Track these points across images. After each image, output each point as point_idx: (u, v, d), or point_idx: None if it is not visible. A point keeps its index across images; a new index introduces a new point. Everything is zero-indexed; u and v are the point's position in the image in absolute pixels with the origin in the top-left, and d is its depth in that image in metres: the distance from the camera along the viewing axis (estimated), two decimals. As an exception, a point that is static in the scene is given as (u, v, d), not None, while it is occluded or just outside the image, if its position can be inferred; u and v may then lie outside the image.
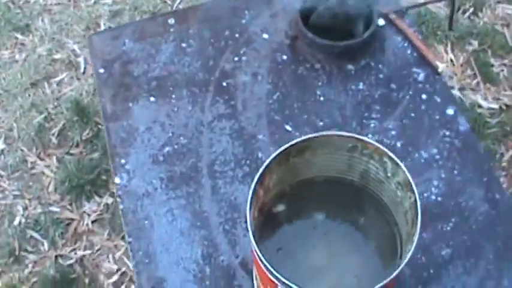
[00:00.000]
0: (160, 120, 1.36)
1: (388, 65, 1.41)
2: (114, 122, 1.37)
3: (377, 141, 1.30)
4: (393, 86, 1.38)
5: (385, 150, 1.02)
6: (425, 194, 1.27)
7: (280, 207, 1.13)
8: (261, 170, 1.01)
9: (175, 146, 1.34)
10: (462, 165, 1.30)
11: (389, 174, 1.05)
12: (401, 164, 1.01)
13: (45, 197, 2.03)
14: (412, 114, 1.35)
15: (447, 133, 1.33)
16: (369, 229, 1.11)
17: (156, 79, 1.42)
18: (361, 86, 1.38)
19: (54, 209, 2.01)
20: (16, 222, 2.00)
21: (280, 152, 1.02)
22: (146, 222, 1.26)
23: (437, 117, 1.35)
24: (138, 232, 1.26)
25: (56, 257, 1.94)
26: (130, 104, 1.39)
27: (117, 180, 1.31)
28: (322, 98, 1.37)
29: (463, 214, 1.25)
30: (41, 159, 2.09)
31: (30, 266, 1.94)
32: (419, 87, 1.38)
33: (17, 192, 2.05)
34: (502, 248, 1.22)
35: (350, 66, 1.41)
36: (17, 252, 1.95)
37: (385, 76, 1.39)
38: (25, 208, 2.02)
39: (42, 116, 2.16)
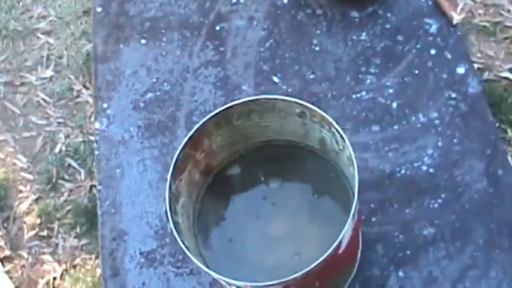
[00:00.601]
0: (147, 64, 1.31)
1: (398, 14, 1.27)
2: (102, 63, 1.33)
3: (371, 99, 1.18)
4: (399, 37, 1.25)
5: (331, 120, 0.91)
6: (415, 164, 1.15)
7: (234, 171, 1.06)
8: (190, 133, 0.93)
9: (158, 93, 1.28)
10: (464, 133, 1.16)
11: (340, 147, 0.94)
12: (346, 138, 0.90)
13: (86, 127, 2.04)
14: (416, 71, 1.22)
15: (453, 95, 1.19)
16: (327, 197, 1.01)
17: (150, 20, 1.35)
18: (363, 36, 1.26)
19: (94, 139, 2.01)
20: (57, 150, 2.02)
21: (214, 115, 0.94)
22: (118, 170, 1.22)
23: (444, 76, 1.21)
24: (109, 181, 1.22)
25: (91, 187, 1.95)
26: (121, 46, 1.33)
27: (96, 125, 1.27)
28: (317, 48, 1.26)
29: (456, 190, 1.12)
30: (86, 89, 2.09)
31: (65, 194, 1.96)
32: (429, 40, 1.24)
33: (60, 120, 2.06)
34: (495, 233, 1.09)
35: (354, 14, 1.28)
36: (54, 180, 1.97)
37: (392, 26, 1.26)
38: (67, 136, 2.03)
39: (91, 45, 2.14)
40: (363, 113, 1.19)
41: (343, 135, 0.91)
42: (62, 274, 1.90)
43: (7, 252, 1.96)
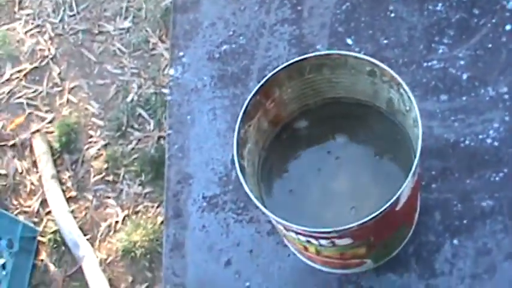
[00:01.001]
0: (225, 17, 1.34)
1: (476, -13, 1.27)
2: (182, 13, 1.37)
3: (442, 68, 1.20)
4: (475, 11, 1.25)
5: (400, 80, 0.93)
6: (480, 136, 1.15)
7: (302, 124, 1.08)
8: (263, 80, 0.97)
9: (233, 45, 1.31)
10: (532, 109, 1.16)
11: (407, 108, 0.96)
12: (413, 99, 0.92)
13: (159, 79, 2.09)
14: (489, 45, 1.22)
15: (525, 71, 1.19)
16: (390, 158, 1.03)
17: (230, -25, 1.38)
18: (439, 6, 1.26)
19: (166, 91, 2.06)
20: (129, 99, 2.08)
21: (287, 66, 0.97)
22: (188, 117, 1.27)
23: (518, 52, 1.21)
24: (179, 126, 1.27)
25: (159, 138, 2.01)
26: (202, -3, 1.37)
27: (171, 71, 1.31)
28: (393, 15, 1.27)
29: (519, 166, 1.13)
30: (162, 42, 2.14)
31: (134, 142, 2.03)
32: (506, 16, 1.24)
33: (135, 70, 2.12)
34: (553, 210, 1.09)
35: (433, -16, 1.28)
36: (124, 128, 2.04)
37: (469, -1, 1.26)
38: (139, 86, 2.09)
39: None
40: (432, 82, 1.21)
41: (411, 95, 0.92)
42: (123, 219, 1.97)
43: (73, 193, 2.04)
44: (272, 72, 0.97)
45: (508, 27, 1.23)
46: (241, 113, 0.95)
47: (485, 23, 1.24)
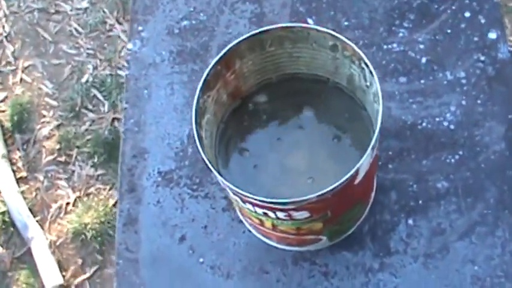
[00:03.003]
0: (186, -7, 1.32)
1: (438, -27, 1.28)
2: (142, -13, 1.34)
3: (402, 52, 1.20)
4: (437, -4, 1.26)
5: (362, 55, 0.93)
6: (437, 119, 1.16)
7: (261, 98, 1.08)
8: (224, 50, 0.95)
9: (193, 22, 1.30)
10: (489, 96, 1.18)
11: (368, 83, 0.96)
12: (374, 73, 0.92)
13: (115, 61, 2.06)
14: (448, 31, 1.23)
15: (482, 58, 1.20)
16: (349, 135, 1.03)
17: None
18: (401, -10, 1.27)
19: (121, 73, 2.04)
20: (84, 80, 2.05)
21: (249, 37, 0.96)
22: (145, 91, 1.25)
23: (475, 39, 1.22)
24: (136, 100, 1.25)
25: (113, 119, 1.98)
26: (163, -29, 1.35)
27: (129, 45, 1.29)
28: (355, -3, 1.27)
29: (474, 149, 1.14)
30: (119, 23, 2.11)
31: (87, 123, 2.00)
32: (465, 3, 1.25)
33: (91, 51, 2.09)
34: (506, 194, 1.10)
35: (394, -32, 1.29)
36: (77, 108, 2.01)
37: (431, -16, 1.27)
38: (95, 67, 2.06)
39: (129, -20, 2.17)
40: (392, 64, 1.21)
41: (372, 70, 0.92)
42: (75, 201, 1.94)
43: (23, 174, 2.00)
44: (233, 43, 0.96)
45: (467, 14, 1.25)
46: (200, 82, 0.94)
47: (445, 9, 1.25)
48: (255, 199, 0.89)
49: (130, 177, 1.19)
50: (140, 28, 1.31)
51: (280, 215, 0.94)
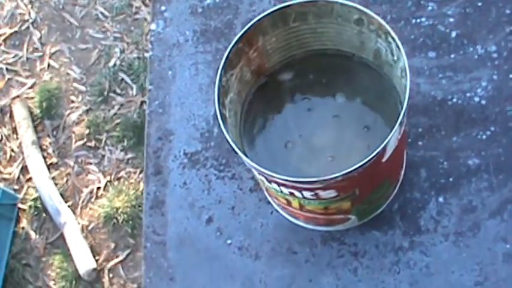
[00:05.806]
0: (209, -28, 1.30)
1: None
2: (164, -33, 1.32)
3: (431, 25, 1.17)
4: (466, -33, 1.22)
5: (388, 29, 0.90)
6: (468, 94, 1.13)
7: (285, 76, 1.05)
8: (246, 27, 0.93)
9: (217, 0, 1.27)
10: (521, 69, 1.14)
11: (395, 58, 0.94)
12: (401, 47, 0.89)
13: (142, 43, 2.06)
14: (479, 4, 1.19)
15: (514, 30, 1.16)
16: (377, 111, 1.00)
17: None
18: (429, -38, 1.23)
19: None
20: (111, 64, 2.04)
21: (271, 12, 0.94)
22: (170, 72, 1.24)
23: (507, 11, 1.18)
24: (160, 81, 1.24)
25: (142, 103, 1.98)
26: (185, -48, 1.33)
27: (152, 26, 1.28)
28: (382, -31, 1.24)
29: (506, 124, 1.11)
30: (146, 6, 2.10)
31: (116, 107, 1.99)
32: (497, -27, 1.21)
33: (117, 35, 2.09)
34: (540, 170, 1.07)
35: None
36: (106, 93, 2.00)
37: (462, -45, 1.23)
38: (122, 51, 2.06)
39: (154, -38, 2.15)
40: (420, 39, 1.18)
41: (399, 44, 0.90)
42: (105, 185, 1.94)
43: (54, 160, 2.01)
44: (256, 19, 0.94)
45: (498, -16, 1.20)
46: (223, 61, 0.92)
47: (475, -21, 1.21)
48: (280, 178, 0.87)
49: (156, 159, 1.18)
50: (163, 8, 1.29)
51: (307, 194, 0.92)
